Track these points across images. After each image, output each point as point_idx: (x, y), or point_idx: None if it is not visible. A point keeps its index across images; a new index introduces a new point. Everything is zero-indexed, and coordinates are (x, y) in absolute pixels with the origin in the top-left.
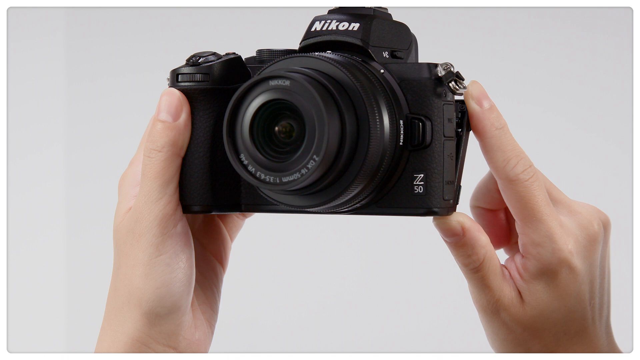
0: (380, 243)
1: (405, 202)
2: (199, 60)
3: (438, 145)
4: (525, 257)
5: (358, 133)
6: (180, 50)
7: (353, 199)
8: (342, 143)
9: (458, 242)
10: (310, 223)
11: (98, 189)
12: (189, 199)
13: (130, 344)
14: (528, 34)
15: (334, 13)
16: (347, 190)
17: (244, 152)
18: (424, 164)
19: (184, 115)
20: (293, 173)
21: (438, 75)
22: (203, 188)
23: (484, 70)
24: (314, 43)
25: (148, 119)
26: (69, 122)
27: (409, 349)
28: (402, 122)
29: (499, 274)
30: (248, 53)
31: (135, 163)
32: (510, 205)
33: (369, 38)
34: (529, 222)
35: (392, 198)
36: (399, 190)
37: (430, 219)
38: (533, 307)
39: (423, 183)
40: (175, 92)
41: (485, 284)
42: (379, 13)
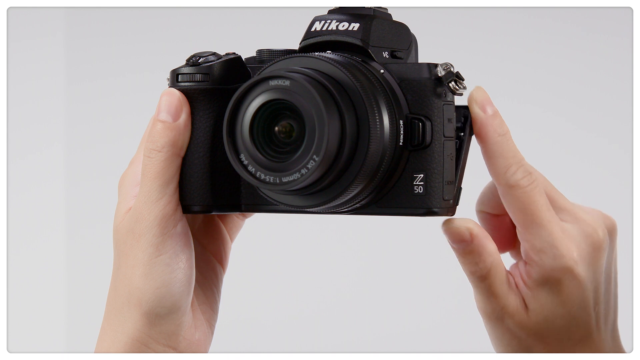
0: (380, 243)
1: (405, 202)
2: (199, 60)
3: (438, 146)
4: (528, 263)
5: (358, 133)
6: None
7: (353, 199)
8: (342, 143)
9: (465, 248)
10: (310, 223)
11: (98, 189)
12: (189, 199)
13: (130, 344)
14: (528, 34)
15: (334, 13)
16: (347, 190)
17: (244, 152)
18: (424, 164)
19: (184, 116)
20: (293, 173)
21: (438, 76)
22: (203, 188)
23: (484, 70)
24: (314, 43)
25: (148, 119)
26: (69, 122)
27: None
28: (402, 122)
29: (505, 282)
30: (248, 53)
31: (135, 163)
32: (511, 212)
33: (369, 38)
34: (530, 227)
35: (392, 198)
36: (399, 191)
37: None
38: (537, 313)
39: (423, 183)
40: (175, 92)
41: (491, 292)
42: (379, 13)
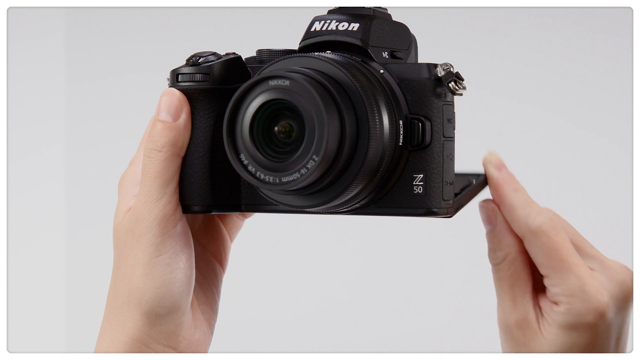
0: (380, 243)
1: (405, 202)
2: (199, 60)
3: (437, 146)
4: (558, 305)
5: (358, 133)
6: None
7: (353, 199)
8: (341, 143)
9: (491, 231)
10: (310, 223)
11: (98, 189)
12: (189, 199)
13: (130, 344)
14: (528, 34)
15: (334, 13)
16: (346, 190)
17: (244, 152)
18: (424, 164)
19: (184, 115)
20: (293, 173)
21: (438, 76)
22: (203, 188)
23: (484, 70)
24: (314, 43)
25: (148, 119)
26: (69, 122)
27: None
28: (401, 122)
29: (524, 291)
30: (248, 53)
31: (135, 163)
32: (538, 259)
33: (369, 38)
34: (558, 273)
35: (391, 198)
36: (399, 191)
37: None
38: (552, 344)
39: (422, 183)
40: (175, 92)
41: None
42: (379, 13)
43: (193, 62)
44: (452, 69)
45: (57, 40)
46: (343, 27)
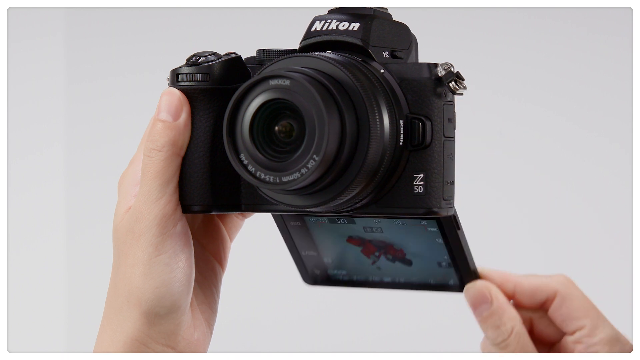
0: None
1: (405, 202)
2: (199, 60)
3: (438, 145)
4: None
5: (358, 133)
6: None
7: (353, 199)
8: (342, 143)
9: (487, 311)
10: None
11: (98, 189)
12: (189, 199)
13: (130, 344)
14: (528, 34)
15: (334, 13)
16: (347, 190)
17: (244, 151)
18: (424, 164)
19: (184, 115)
20: (293, 173)
21: (438, 75)
22: (203, 188)
23: (484, 70)
24: (314, 43)
25: (148, 119)
26: (69, 122)
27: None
28: (402, 122)
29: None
30: (248, 53)
31: (135, 162)
32: (571, 312)
33: (369, 38)
34: (596, 322)
35: (392, 198)
36: (399, 190)
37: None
38: None
39: (423, 183)
40: (176, 91)
41: None
42: (379, 13)
43: (193, 62)
44: (452, 69)
45: (57, 40)
46: (343, 26)
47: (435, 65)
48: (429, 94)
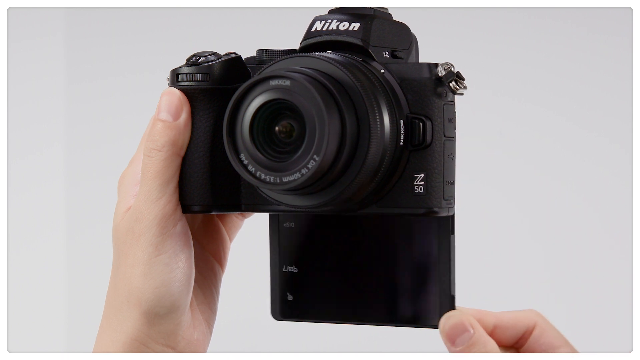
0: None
1: (406, 202)
2: (199, 60)
3: (438, 145)
4: None
5: (358, 133)
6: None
7: (353, 199)
8: (342, 143)
9: (469, 341)
10: None
11: (98, 189)
12: (189, 199)
13: (129, 344)
14: (528, 34)
15: (335, 13)
16: (347, 190)
17: (244, 151)
18: (425, 164)
19: (184, 115)
20: (293, 173)
21: (438, 75)
22: (203, 188)
23: (484, 70)
24: (315, 43)
25: (148, 119)
26: (69, 122)
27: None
28: (402, 122)
29: None
30: (248, 53)
31: (135, 162)
32: (554, 340)
33: (369, 38)
34: (570, 346)
35: (392, 198)
36: (399, 190)
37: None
38: None
39: (423, 183)
40: (176, 91)
41: None
42: (380, 13)
43: (193, 62)
44: (452, 69)
45: (57, 40)
46: (344, 27)
47: (436, 65)
48: (430, 94)
